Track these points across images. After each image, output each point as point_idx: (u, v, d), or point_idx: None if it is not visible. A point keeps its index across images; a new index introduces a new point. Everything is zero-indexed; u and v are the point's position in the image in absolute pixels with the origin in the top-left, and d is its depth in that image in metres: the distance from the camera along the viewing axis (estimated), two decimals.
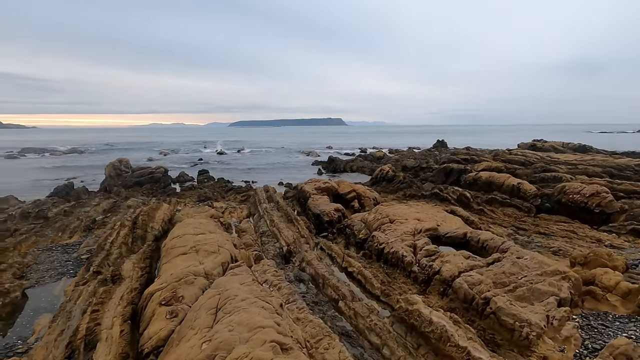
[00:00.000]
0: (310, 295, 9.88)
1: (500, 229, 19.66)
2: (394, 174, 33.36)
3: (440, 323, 7.06)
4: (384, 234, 12.50)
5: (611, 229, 18.14)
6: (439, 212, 15.98)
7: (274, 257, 13.15)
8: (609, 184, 24.37)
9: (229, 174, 48.08)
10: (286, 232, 15.01)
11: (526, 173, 35.74)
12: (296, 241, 14.20)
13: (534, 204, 22.11)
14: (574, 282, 8.75)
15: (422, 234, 12.14)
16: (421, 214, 14.92)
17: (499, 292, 8.10)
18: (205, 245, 9.94)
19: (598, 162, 37.20)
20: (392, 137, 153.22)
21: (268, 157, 73.90)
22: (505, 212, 22.40)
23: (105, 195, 29.94)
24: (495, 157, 45.81)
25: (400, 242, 11.52)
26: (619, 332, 7.48)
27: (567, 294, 8.31)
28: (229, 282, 8.34)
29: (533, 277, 8.65)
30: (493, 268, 9.18)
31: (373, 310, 8.70)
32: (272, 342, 5.55)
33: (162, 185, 36.35)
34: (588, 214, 19.55)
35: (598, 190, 19.69)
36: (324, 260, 12.44)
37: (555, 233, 18.52)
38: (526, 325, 7.01)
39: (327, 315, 8.78)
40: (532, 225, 19.95)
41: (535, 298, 8.08)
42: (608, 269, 9.96)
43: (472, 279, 8.60)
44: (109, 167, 39.20)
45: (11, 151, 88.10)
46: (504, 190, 24.25)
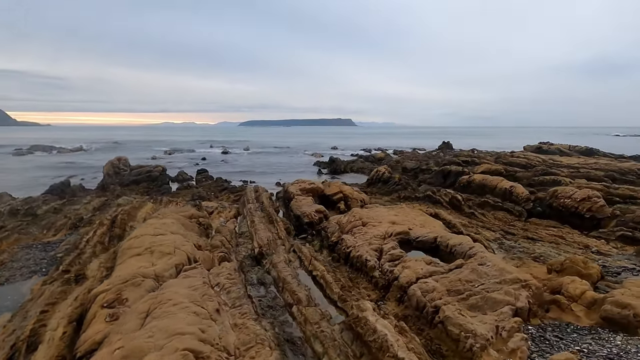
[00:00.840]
0: (267, 299, 9.66)
1: (489, 233, 19.28)
2: (389, 176, 33.02)
3: (382, 332, 6.80)
4: (353, 237, 12.24)
5: (601, 234, 17.67)
6: (420, 216, 15.66)
7: (244, 259, 12.97)
8: (605, 188, 23.83)
9: (230, 173, 48.11)
10: (262, 233, 14.81)
11: (526, 176, 35.23)
12: (270, 243, 13.99)
13: (525, 208, 21.65)
14: (535, 291, 8.41)
15: (392, 238, 11.85)
16: (399, 216, 14.62)
17: (451, 300, 7.80)
18: (160, 247, 9.79)
19: (600, 165, 36.42)
20: (400, 139, 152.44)
21: (272, 157, 73.91)
22: (497, 216, 21.97)
23: (98, 193, 30.07)
24: (497, 159, 45.20)
25: (367, 245, 11.25)
26: (572, 344, 7.14)
27: (524, 304, 7.98)
28: (175, 284, 8.17)
29: (490, 285, 8.33)
30: (450, 275, 8.88)
31: (325, 316, 8.46)
32: (185, 350, 5.34)
33: (159, 184, 36.37)
34: (579, 219, 19.07)
35: (589, 195, 19.19)
36: (293, 263, 12.23)
37: (543, 238, 18.09)
38: (471, 336, 6.72)
39: (277, 320, 8.55)
40: (521, 229, 19.51)
41: (489, 307, 7.76)
42: (576, 277, 9.58)
43: (427, 286, 8.31)
44: (107, 166, 39.41)
45: (20, 148, 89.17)
46: (497, 193, 23.80)
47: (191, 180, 42.06)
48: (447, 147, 79.14)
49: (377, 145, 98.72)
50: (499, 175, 36.05)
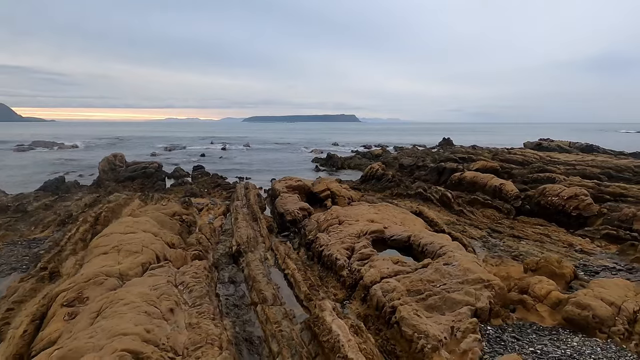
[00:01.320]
0: (235, 297, 9.69)
1: (476, 231, 19.24)
2: (383, 173, 32.93)
3: (336, 332, 6.80)
4: (328, 235, 12.22)
5: (586, 233, 17.55)
6: (401, 214, 15.62)
7: (221, 257, 12.99)
8: (596, 186, 23.69)
9: (227, 170, 48.12)
10: (243, 230, 14.83)
11: (522, 173, 35.08)
12: (250, 241, 14.00)
13: (514, 206, 21.55)
14: (497, 291, 8.36)
15: (366, 237, 11.82)
16: (379, 215, 14.59)
17: (410, 300, 7.77)
18: (128, 245, 9.81)
19: (597, 163, 36.21)
20: (402, 135, 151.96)
21: (271, 153, 73.88)
22: (485, 214, 21.88)
23: (91, 190, 30.17)
24: (494, 156, 45.00)
25: (340, 244, 11.23)
26: (528, 345, 7.10)
27: (485, 304, 7.94)
28: (137, 283, 8.20)
29: (452, 285, 8.29)
30: (414, 275, 8.84)
31: (288, 315, 8.46)
32: (123, 350, 5.36)
33: (154, 181, 36.45)
34: (565, 217, 18.96)
35: (576, 193, 19.06)
36: (268, 261, 12.24)
37: (529, 236, 18.01)
38: (423, 337, 6.69)
39: (240, 319, 8.58)
40: (508, 227, 19.43)
41: (447, 308, 7.73)
42: (543, 277, 9.52)
43: (388, 286, 8.28)
44: (103, 162, 39.55)
45: (22, 144, 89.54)
46: (487, 191, 23.70)
47: (187, 177, 42.10)
48: (448, 144, 78.83)
49: (378, 142, 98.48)
50: (495, 172, 35.94)
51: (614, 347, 7.01)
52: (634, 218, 16.64)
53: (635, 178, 32.70)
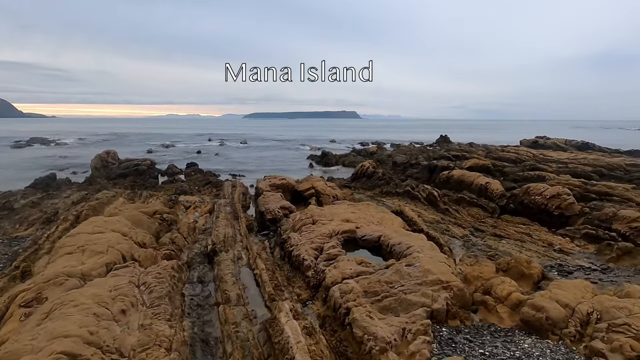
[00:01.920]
0: (200, 298, 9.74)
1: (459, 230, 19.28)
2: (373, 171, 32.90)
3: (287, 334, 6.85)
4: (299, 235, 12.25)
5: (567, 232, 17.56)
6: (381, 213, 15.64)
7: (195, 256, 13.04)
8: (583, 185, 23.68)
9: (221, 167, 48.13)
10: (221, 229, 14.87)
11: (514, 171, 35.09)
12: (227, 240, 14.04)
13: (499, 205, 21.55)
14: (456, 293, 8.38)
15: (337, 237, 11.85)
16: (357, 214, 14.61)
17: (365, 302, 7.80)
18: (94, 245, 9.86)
19: (589, 161, 36.18)
20: (402, 132, 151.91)
21: (267, 150, 73.90)
22: (470, 212, 21.89)
23: (81, 187, 30.21)
24: (487, 154, 44.97)
25: (309, 244, 11.26)
26: (478, 347, 7.12)
27: (441, 305, 7.96)
28: (96, 284, 8.24)
29: (410, 286, 8.31)
30: (374, 276, 8.86)
31: (248, 316, 8.51)
32: (61, 353, 5.39)
33: (145, 178, 36.49)
34: (548, 216, 18.97)
35: (559, 192, 19.06)
36: (241, 261, 12.27)
37: (510, 235, 18.03)
38: (372, 338, 6.73)
39: (200, 320, 8.62)
40: (491, 226, 19.45)
41: (402, 309, 7.76)
42: (506, 278, 9.54)
43: (346, 287, 8.31)
44: (95, 159, 39.63)
45: (20, 140, 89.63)
46: (473, 189, 23.69)
47: (180, 174, 42.14)
48: (445, 141, 78.62)
49: (376, 139, 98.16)
50: (486, 170, 35.95)
51: (563, 349, 7.03)
52: (613, 218, 16.64)
53: (627, 176, 32.65)
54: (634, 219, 16.08)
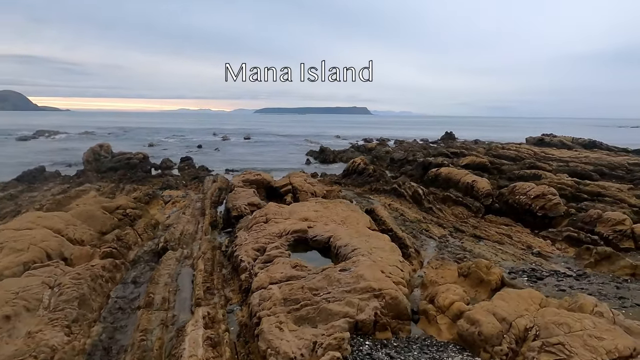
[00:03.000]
0: (125, 300, 9.15)
1: (438, 230, 18.47)
2: (364, 167, 32.12)
3: (183, 346, 6.20)
4: (247, 234, 11.60)
5: (549, 234, 16.66)
6: (348, 211, 14.94)
7: (144, 254, 12.48)
8: (575, 185, 22.68)
9: (217, 162, 47.61)
10: (180, 226, 14.33)
11: (512, 169, 34.08)
12: (183, 237, 13.47)
13: (484, 204, 20.65)
14: (388, 302, 7.64)
15: (287, 237, 11.17)
16: (320, 212, 13.95)
17: (281, 311, 7.12)
18: (14, 242, 9.33)
19: (591, 159, 35.02)
20: (411, 128, 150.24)
21: (268, 145, 73.38)
22: (455, 211, 21.03)
23: (65, 180, 29.93)
24: (488, 151, 43.88)
25: (253, 244, 10.60)
26: None
27: (368, 316, 7.25)
28: (3, 285, 7.68)
29: (337, 294, 7.61)
30: (299, 282, 8.16)
31: (166, 322, 7.88)
32: None
33: (136, 172, 36.11)
34: (531, 217, 18.08)
35: (544, 192, 18.12)
36: (188, 260, 11.67)
37: (490, 237, 17.19)
38: (274, 353, 6.05)
39: (113, 326, 8.03)
40: (472, 227, 18.59)
41: (321, 320, 7.06)
42: (451, 285, 8.77)
43: (267, 294, 7.64)
44: (88, 152, 39.38)
45: (27, 133, 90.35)
46: (460, 187, 22.80)
47: (174, 168, 41.83)
48: (450, 138, 77.31)
49: (382, 135, 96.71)
50: (483, 167, 35.01)
51: None
52: (597, 220, 15.69)
53: (629, 176, 31.49)
54: (618, 222, 15.14)
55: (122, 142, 73.00)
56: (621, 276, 12.28)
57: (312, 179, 24.27)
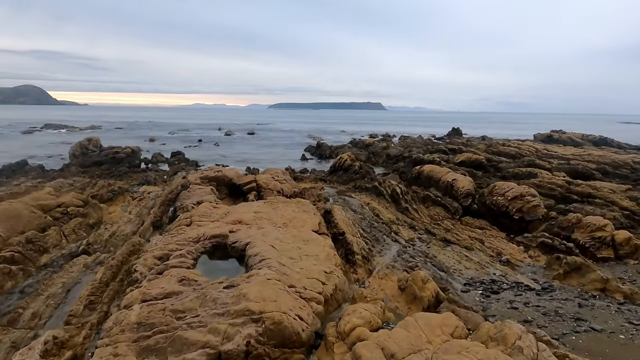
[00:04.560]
0: None
1: (408, 232, 17.12)
2: (350, 164, 30.76)
3: None
4: (161, 239, 10.46)
5: (524, 239, 15.16)
6: (297, 213, 13.70)
7: (59, 258, 11.45)
8: (566, 185, 21.01)
9: (211, 157, 46.71)
10: (115, 227, 13.28)
11: (509, 167, 32.46)
12: (113, 239, 12.39)
13: (463, 205, 19.16)
14: (269, 327, 6.40)
15: (204, 242, 9.99)
16: (260, 214, 12.76)
17: (126, 339, 5.95)
18: None
19: (594, 157, 33.06)
20: (420, 124, 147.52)
21: (271, 140, 72.49)
22: (431, 212, 19.59)
23: (40, 175, 29.28)
24: (488, 147, 42.04)
25: (158, 251, 9.44)
26: None
27: (237, 345, 6.02)
28: None
29: (205, 317, 6.41)
30: (170, 301, 6.96)
31: (18, 344, 6.77)
32: None
33: (121, 166, 35.38)
34: (508, 220, 16.56)
35: (522, 193, 16.58)
36: (100, 266, 10.58)
37: (460, 241, 15.77)
38: None
39: None
40: (445, 229, 17.17)
41: (174, 351, 5.87)
42: (359, 307, 7.44)
43: (122, 316, 6.47)
44: (75, 146, 38.88)
45: (35, 126, 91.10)
46: (440, 186, 21.31)
47: (164, 163, 41.13)
48: (457, 134, 75.21)
49: (390, 131, 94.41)
50: (479, 165, 33.41)
51: None
52: (576, 225, 14.13)
53: (634, 175, 29.60)
54: (598, 228, 13.57)
55: (124, 137, 72.84)
56: (590, 291, 10.81)
57: (287, 176, 23.05)
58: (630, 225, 16.72)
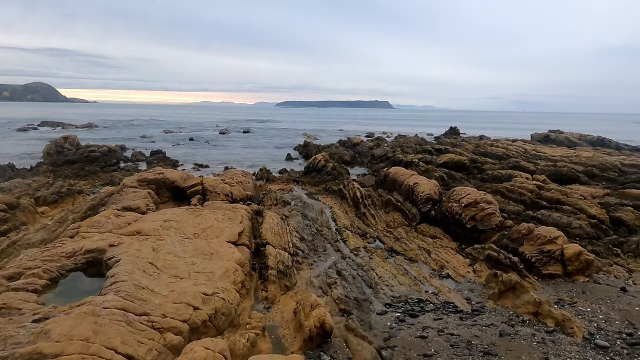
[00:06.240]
0: None
1: (356, 241, 15.99)
2: (324, 164, 29.60)
3: None
4: (31, 252, 9.39)
5: (473, 252, 13.89)
6: (219, 221, 12.59)
7: None
8: (536, 189, 19.65)
9: (194, 156, 45.76)
10: (21, 234, 12.18)
11: (493, 168, 31.14)
12: (15, 247, 11.33)
13: (422, 211, 17.91)
14: None
15: (79, 257, 8.92)
16: (169, 222, 11.66)
17: None
18: None
19: (582, 159, 31.55)
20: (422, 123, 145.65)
21: (264, 139, 71.35)
22: (388, 218, 18.36)
23: (5, 173, 28.46)
24: (476, 147, 40.63)
25: (15, 268, 8.34)
26: None
27: None
28: None
29: None
30: None
31: None
32: None
33: (96, 165, 34.54)
34: (461, 229, 15.30)
35: (477, 200, 15.29)
36: None
37: (407, 251, 14.59)
38: None
39: None
40: (395, 239, 15.98)
41: None
42: (196, 344, 6.28)
43: None
44: (49, 145, 38.17)
45: (32, 124, 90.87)
46: (403, 190, 20.05)
47: (144, 162, 40.24)
48: (454, 133, 73.59)
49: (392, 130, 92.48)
50: (461, 166, 32.16)
51: None
52: (526, 237, 12.82)
53: (621, 178, 28.13)
54: (549, 240, 12.26)
55: (116, 134, 72.29)
56: (523, 314, 9.55)
57: (247, 178, 21.98)
58: (596, 235, 15.41)
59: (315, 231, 16.34)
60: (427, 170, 28.61)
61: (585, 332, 8.55)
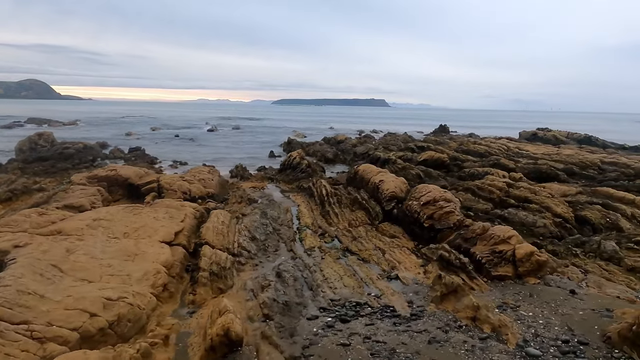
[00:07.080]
0: None
1: (312, 240, 15.45)
2: (299, 162, 28.99)
3: None
4: None
5: (428, 252, 13.32)
6: (158, 220, 11.97)
7: None
8: (505, 187, 19.12)
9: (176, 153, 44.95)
10: None
11: (473, 166, 30.64)
12: None
13: (385, 209, 17.33)
14: None
15: None
16: (103, 221, 11.04)
17: None
18: None
19: (562, 157, 31.11)
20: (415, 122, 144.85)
21: (247, 137, 70.46)
22: (352, 217, 17.76)
23: None
24: (459, 145, 40.14)
25: None
26: None
27: None
28: None
29: None
30: None
31: None
32: None
33: (69, 162, 33.74)
34: (419, 228, 14.74)
35: (435, 198, 14.72)
36: None
37: (361, 251, 14.03)
38: None
39: None
40: (353, 238, 15.36)
41: None
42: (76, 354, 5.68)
43: None
44: (22, 141, 37.32)
45: (19, 121, 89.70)
46: (369, 188, 19.48)
47: (122, 159, 39.48)
48: (443, 131, 73.12)
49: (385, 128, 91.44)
50: (441, 164, 31.69)
51: None
52: (480, 236, 12.25)
53: (600, 176, 27.73)
54: (502, 240, 11.70)
55: (99, 132, 71.18)
56: (462, 319, 8.98)
57: (212, 175, 21.38)
58: (559, 234, 14.90)
59: (272, 230, 15.75)
60: (404, 167, 28.05)
61: (520, 339, 7.97)
